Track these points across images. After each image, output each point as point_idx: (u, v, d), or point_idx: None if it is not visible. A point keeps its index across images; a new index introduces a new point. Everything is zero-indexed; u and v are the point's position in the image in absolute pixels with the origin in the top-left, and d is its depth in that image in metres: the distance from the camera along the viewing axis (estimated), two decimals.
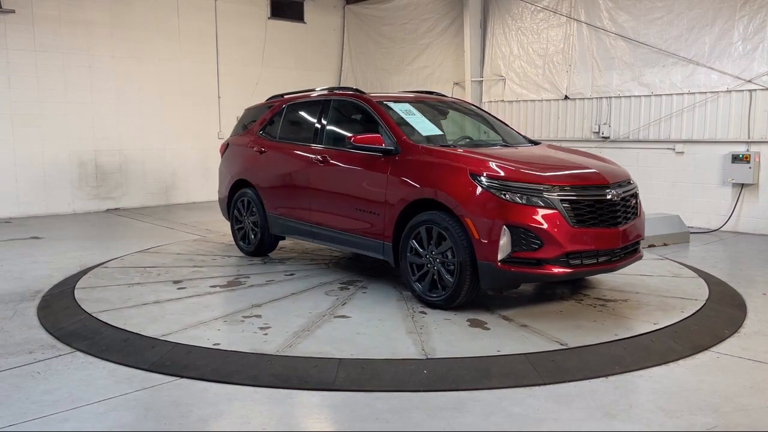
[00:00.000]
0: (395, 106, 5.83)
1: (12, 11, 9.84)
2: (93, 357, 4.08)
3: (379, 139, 5.31)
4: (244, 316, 4.77)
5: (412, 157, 5.15)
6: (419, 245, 4.99)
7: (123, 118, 11.14)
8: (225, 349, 4.07)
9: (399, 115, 5.69)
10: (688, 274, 6.17)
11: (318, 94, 6.55)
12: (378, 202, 5.32)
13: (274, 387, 3.62)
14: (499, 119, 6.76)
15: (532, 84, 10.88)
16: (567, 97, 10.37)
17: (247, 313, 4.83)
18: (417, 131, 5.58)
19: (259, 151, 6.76)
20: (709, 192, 8.94)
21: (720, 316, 4.90)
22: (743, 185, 8.59)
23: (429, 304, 4.98)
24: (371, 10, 13.39)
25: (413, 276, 5.07)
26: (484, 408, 3.37)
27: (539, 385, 3.63)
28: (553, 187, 4.61)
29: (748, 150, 8.49)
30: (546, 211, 4.51)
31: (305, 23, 13.40)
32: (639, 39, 9.39)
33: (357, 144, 5.35)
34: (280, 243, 7.16)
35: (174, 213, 10.70)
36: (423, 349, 4.08)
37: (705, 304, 5.10)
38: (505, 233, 4.48)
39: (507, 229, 4.48)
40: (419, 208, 5.03)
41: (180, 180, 11.91)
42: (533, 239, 4.49)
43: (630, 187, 5.10)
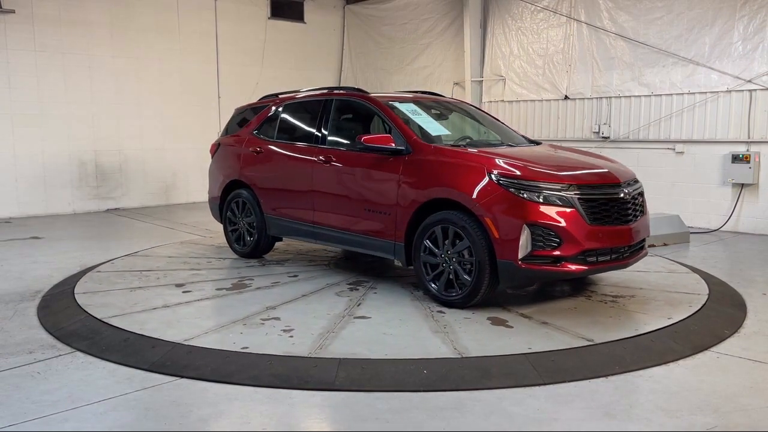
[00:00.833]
0: (401, 106, 5.82)
1: (12, 11, 9.84)
2: (93, 357, 4.08)
3: (390, 139, 5.29)
4: (262, 318, 4.69)
5: (424, 157, 5.15)
6: (433, 245, 5.00)
7: (123, 118, 11.14)
8: (254, 353, 4.00)
9: (406, 116, 5.69)
10: (687, 274, 6.16)
11: (318, 93, 6.48)
12: (389, 202, 5.30)
13: (274, 387, 3.62)
14: (498, 119, 6.77)
15: (532, 84, 10.88)
16: (567, 97, 10.37)
17: (264, 316, 4.75)
18: (426, 131, 5.59)
19: (256, 152, 6.66)
20: (709, 192, 8.94)
21: (720, 316, 4.90)
22: (743, 185, 8.59)
23: (445, 303, 4.98)
24: (371, 10, 13.40)
25: (428, 276, 5.08)
26: (484, 408, 3.37)
27: (539, 385, 3.63)
28: (571, 186, 4.68)
29: (748, 150, 8.49)
30: (565, 210, 4.58)
31: (305, 23, 13.40)
32: (639, 39, 9.39)
33: (367, 144, 5.32)
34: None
35: (174, 213, 10.70)
36: (455, 348, 4.09)
37: (705, 304, 5.10)
38: (526, 232, 4.53)
39: (527, 228, 4.52)
40: (432, 207, 5.04)
41: (180, 180, 11.91)
42: (553, 237, 4.54)
43: (637, 186, 5.23)
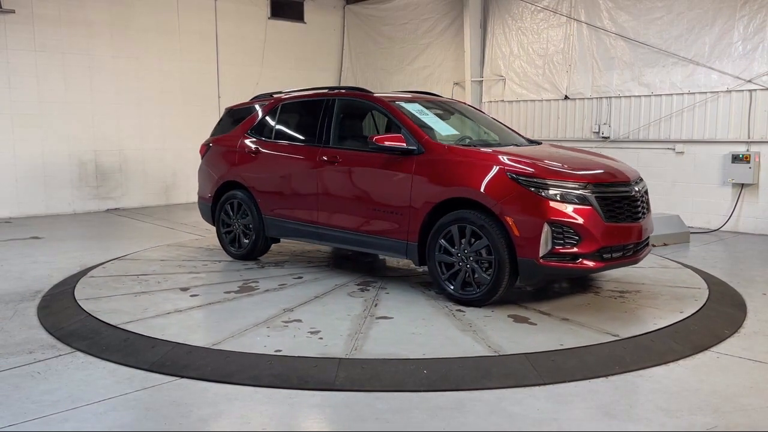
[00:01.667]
0: (407, 106, 5.82)
1: (12, 11, 9.84)
2: (93, 357, 4.08)
3: (401, 139, 5.29)
4: (283, 321, 4.62)
5: (438, 157, 5.16)
6: (449, 244, 5.01)
7: (123, 118, 11.14)
8: (289, 355, 3.97)
9: (414, 116, 5.69)
10: (687, 273, 6.16)
11: (318, 93, 6.42)
12: (401, 202, 5.29)
13: (274, 387, 3.62)
14: (496, 119, 6.78)
15: (532, 84, 10.88)
16: (567, 97, 10.37)
17: (285, 318, 4.68)
18: (435, 131, 5.60)
19: (253, 152, 6.55)
20: (709, 192, 8.94)
21: (720, 316, 4.90)
22: (743, 185, 8.59)
23: (463, 302, 4.99)
24: (371, 10, 13.39)
25: (443, 275, 5.09)
26: (484, 408, 3.37)
27: (539, 385, 3.63)
28: (588, 185, 4.76)
29: (748, 150, 8.49)
30: (583, 208, 4.66)
31: (305, 23, 13.40)
32: (639, 39, 9.39)
33: (379, 144, 5.30)
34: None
35: (174, 213, 10.70)
36: (489, 346, 4.11)
37: (705, 304, 5.10)
38: (546, 230, 4.59)
39: (548, 226, 4.59)
40: (446, 207, 5.06)
41: (180, 180, 11.91)
42: (572, 235, 4.63)
43: (643, 184, 5.33)
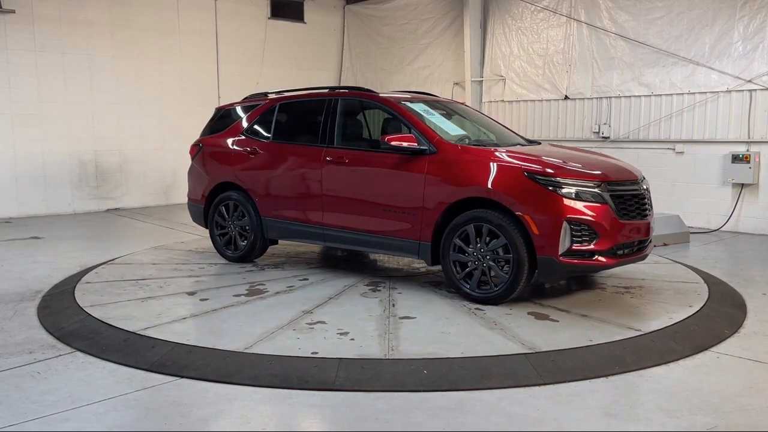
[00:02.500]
0: (413, 106, 5.83)
1: (12, 11, 9.84)
2: (93, 357, 4.08)
3: (412, 140, 5.31)
4: (307, 323, 4.58)
5: (451, 157, 5.20)
6: (464, 243, 5.05)
7: (123, 118, 11.14)
8: (325, 357, 3.94)
9: (422, 116, 5.70)
10: (687, 273, 6.16)
11: (319, 93, 6.41)
12: (413, 202, 5.30)
13: (274, 387, 3.62)
14: (493, 119, 6.79)
15: (532, 84, 10.88)
16: (567, 97, 10.37)
17: (307, 320, 4.64)
18: (445, 131, 5.61)
19: (250, 152, 6.45)
20: (709, 192, 8.94)
21: (720, 316, 4.90)
22: (743, 185, 8.59)
23: (480, 300, 5.03)
24: (371, 10, 13.39)
25: (458, 274, 5.13)
26: (484, 408, 3.37)
27: (539, 385, 3.63)
28: (602, 183, 4.88)
29: (748, 150, 8.49)
30: (599, 206, 4.79)
31: (305, 23, 13.39)
32: (639, 39, 9.39)
33: (392, 144, 5.30)
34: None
35: (174, 213, 10.70)
36: (523, 344, 4.14)
37: (705, 304, 5.10)
38: (565, 228, 4.69)
39: (567, 224, 4.69)
40: (460, 206, 5.10)
41: (180, 180, 11.84)
42: (590, 233, 4.74)
43: (647, 182, 5.45)
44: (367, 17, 13.48)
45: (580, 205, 4.73)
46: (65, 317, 4.86)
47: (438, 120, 5.82)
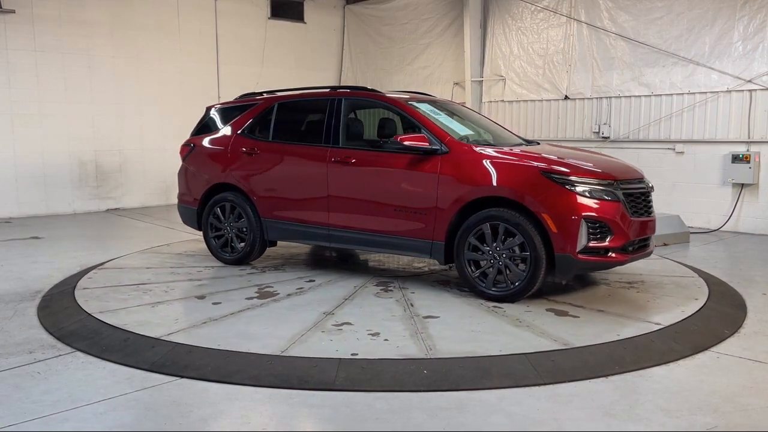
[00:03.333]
0: (421, 106, 5.83)
1: (12, 11, 9.84)
2: (93, 357, 4.08)
3: (424, 139, 5.32)
4: (333, 324, 4.53)
5: (465, 157, 5.23)
6: (479, 242, 5.09)
7: (123, 118, 11.14)
8: (365, 358, 3.91)
9: (430, 116, 5.71)
10: (687, 273, 6.16)
11: (319, 93, 6.38)
12: (426, 201, 5.30)
13: (274, 387, 3.62)
14: (491, 119, 6.81)
15: (532, 84, 10.88)
16: (567, 97, 10.37)
17: (333, 322, 4.59)
18: (454, 131, 5.63)
19: (248, 153, 6.32)
20: (709, 192, 8.94)
21: (720, 316, 4.90)
22: (743, 185, 8.59)
23: (496, 298, 5.06)
24: (371, 10, 13.39)
25: (473, 273, 5.16)
26: (484, 408, 3.37)
27: (539, 385, 3.63)
28: (615, 182, 5.00)
29: (748, 150, 8.49)
30: (614, 204, 4.91)
31: (305, 23, 13.40)
32: (639, 39, 9.39)
33: (405, 144, 5.30)
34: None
35: (174, 213, 10.58)
36: (555, 340, 4.19)
37: (705, 304, 5.10)
38: (583, 226, 4.78)
39: (584, 222, 4.78)
40: (475, 206, 5.13)
41: None
42: (606, 230, 4.85)
43: (648, 181, 5.52)
44: (367, 17, 13.48)
45: (596, 203, 4.83)
46: (65, 317, 4.85)
47: (445, 120, 5.85)
